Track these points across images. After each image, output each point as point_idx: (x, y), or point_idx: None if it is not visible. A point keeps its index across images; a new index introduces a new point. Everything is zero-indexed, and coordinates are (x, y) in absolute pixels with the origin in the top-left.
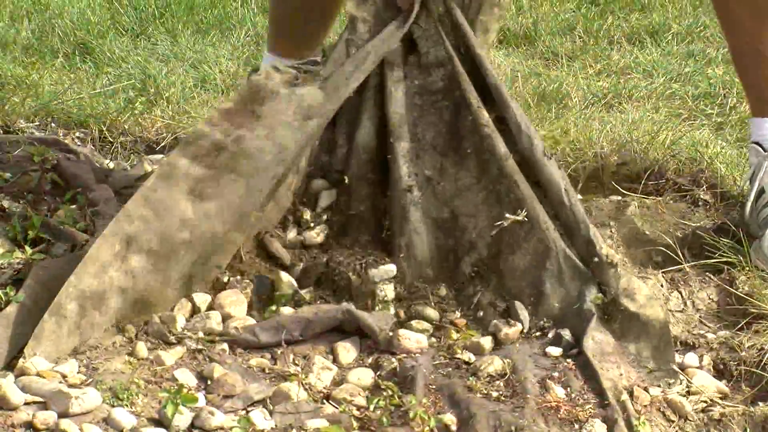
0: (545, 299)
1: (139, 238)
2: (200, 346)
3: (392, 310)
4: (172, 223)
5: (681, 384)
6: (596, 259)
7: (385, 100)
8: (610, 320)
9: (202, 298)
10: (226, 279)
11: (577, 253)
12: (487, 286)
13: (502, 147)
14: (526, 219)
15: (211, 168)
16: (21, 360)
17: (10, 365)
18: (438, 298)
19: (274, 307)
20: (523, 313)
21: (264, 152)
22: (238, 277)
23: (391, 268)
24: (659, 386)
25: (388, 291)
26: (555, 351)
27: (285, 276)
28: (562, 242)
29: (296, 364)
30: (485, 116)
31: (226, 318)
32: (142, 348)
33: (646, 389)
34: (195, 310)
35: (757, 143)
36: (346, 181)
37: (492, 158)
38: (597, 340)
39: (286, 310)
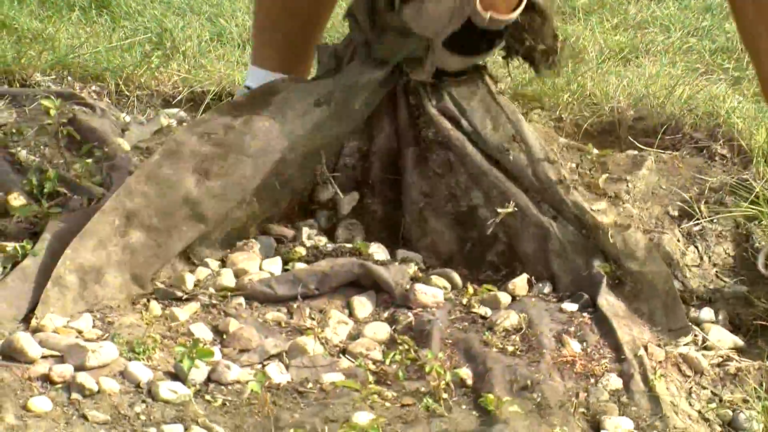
0: (558, 279)
1: (140, 213)
2: (214, 301)
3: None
4: (175, 199)
5: (696, 339)
6: (585, 229)
7: (396, 105)
8: (620, 285)
9: (214, 257)
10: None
11: (573, 227)
12: (511, 273)
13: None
14: (516, 209)
15: (218, 146)
16: (34, 320)
17: (27, 318)
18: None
19: (289, 265)
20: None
21: (272, 133)
22: (244, 240)
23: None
24: (674, 344)
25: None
26: (571, 307)
27: (305, 231)
28: (554, 222)
29: (312, 319)
30: None
31: (240, 274)
32: (155, 306)
33: (660, 346)
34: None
35: None
36: (370, 182)
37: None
38: (610, 302)
39: (301, 266)
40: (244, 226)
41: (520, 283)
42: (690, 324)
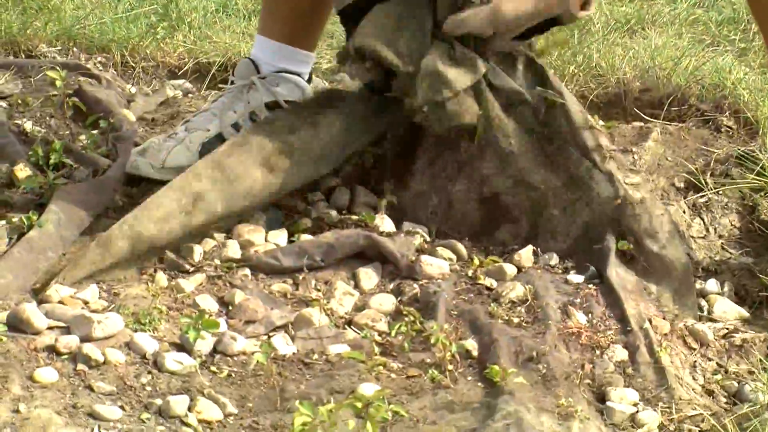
0: (578, 251)
1: (207, 197)
2: (220, 273)
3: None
4: (240, 189)
5: (702, 312)
6: (618, 200)
7: None
8: (633, 260)
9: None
10: None
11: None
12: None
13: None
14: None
15: (285, 144)
16: (53, 281)
17: (33, 289)
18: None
19: (294, 237)
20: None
21: (334, 136)
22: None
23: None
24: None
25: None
26: (577, 278)
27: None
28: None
29: (318, 290)
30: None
31: (245, 246)
32: (161, 277)
33: (665, 318)
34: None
35: None
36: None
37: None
38: (620, 274)
39: (307, 237)
40: None
41: (525, 254)
42: (698, 312)
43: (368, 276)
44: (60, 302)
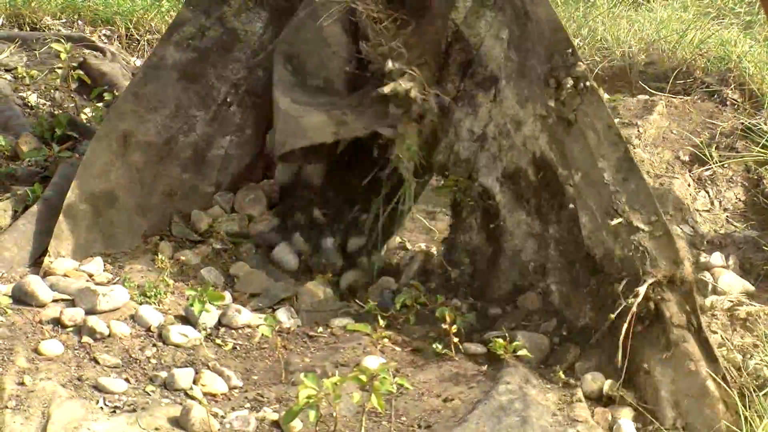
0: None
1: (135, 132)
2: (225, 246)
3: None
4: (167, 112)
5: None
6: None
7: None
8: None
9: (225, 198)
10: None
11: None
12: None
13: None
14: None
15: (198, 52)
16: (47, 259)
17: (38, 261)
18: None
19: None
20: None
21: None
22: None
23: None
24: None
25: None
26: None
27: None
28: None
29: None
30: None
31: (249, 219)
32: (166, 247)
33: None
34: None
35: None
36: None
37: None
38: None
39: None
40: None
41: None
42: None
43: None
44: (65, 275)
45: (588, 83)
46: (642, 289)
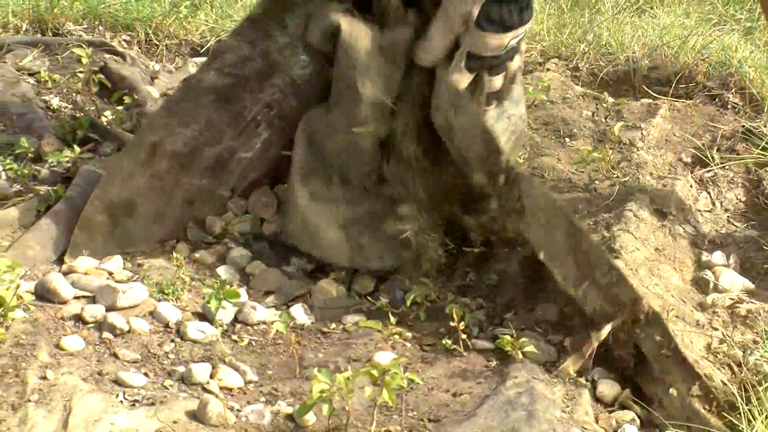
0: None
1: (164, 143)
2: (239, 245)
3: None
4: (197, 127)
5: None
6: None
7: None
8: None
9: (237, 204)
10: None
11: None
12: None
13: None
14: None
15: (237, 78)
16: (65, 265)
17: (60, 259)
18: None
19: None
20: None
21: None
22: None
23: None
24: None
25: None
26: None
27: None
28: None
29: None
30: None
31: (261, 221)
32: (182, 248)
33: None
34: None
35: None
36: None
37: None
38: None
39: None
40: None
41: None
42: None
43: None
44: (86, 273)
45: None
46: (604, 331)
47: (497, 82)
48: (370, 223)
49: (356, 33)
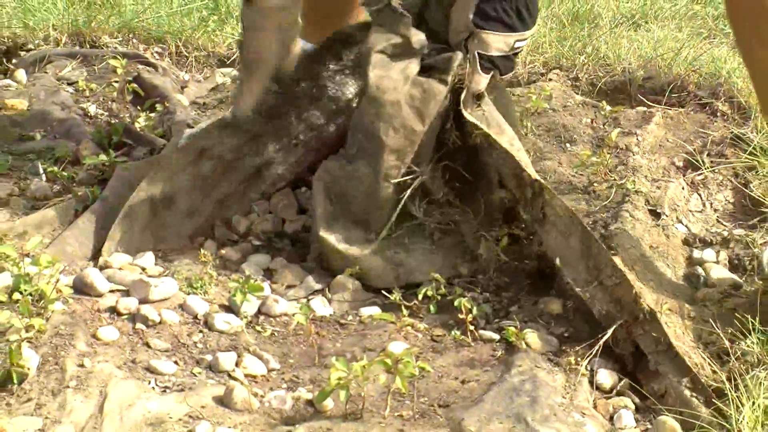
0: None
1: (212, 149)
2: (263, 243)
3: None
4: (245, 138)
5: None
6: None
7: None
8: None
9: (261, 207)
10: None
11: None
12: None
13: None
14: None
15: (286, 97)
16: (102, 257)
17: (96, 255)
18: None
19: None
20: None
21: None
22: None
23: None
24: None
25: None
26: None
27: None
28: None
29: None
30: None
31: (283, 221)
32: (210, 245)
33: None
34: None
35: None
36: None
37: None
38: None
39: None
40: None
41: None
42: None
43: None
44: (120, 268)
45: None
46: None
47: (483, 83)
48: (402, 242)
49: (384, 85)
